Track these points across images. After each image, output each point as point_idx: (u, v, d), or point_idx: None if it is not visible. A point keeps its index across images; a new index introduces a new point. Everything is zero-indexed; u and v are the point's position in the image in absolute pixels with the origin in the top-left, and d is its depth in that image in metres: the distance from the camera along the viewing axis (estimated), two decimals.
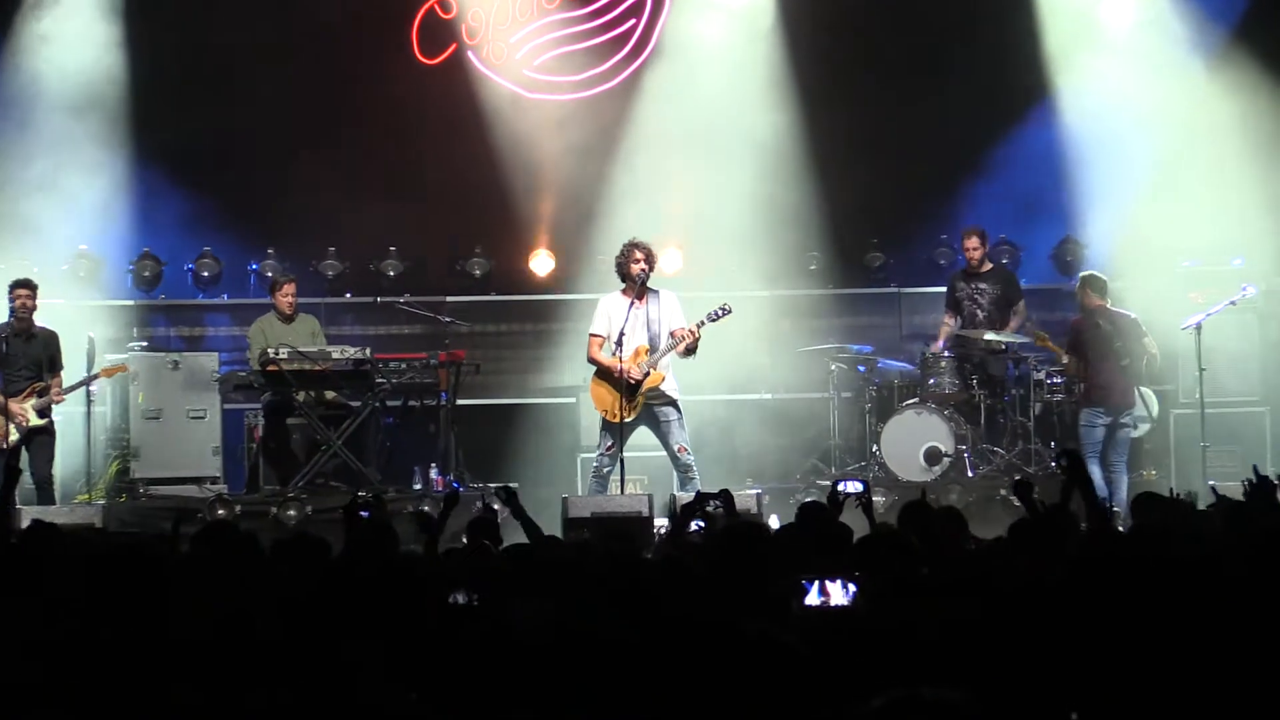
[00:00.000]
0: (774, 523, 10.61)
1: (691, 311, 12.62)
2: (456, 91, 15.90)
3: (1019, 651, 4.34)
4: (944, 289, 14.64)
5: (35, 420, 12.99)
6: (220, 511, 12.47)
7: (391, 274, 16.01)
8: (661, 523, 11.65)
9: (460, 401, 13.84)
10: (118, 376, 13.87)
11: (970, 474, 13.34)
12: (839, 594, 4.92)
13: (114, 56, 15.18)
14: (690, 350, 12.27)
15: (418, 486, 13.33)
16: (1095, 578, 4.71)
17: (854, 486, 8.03)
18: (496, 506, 12.53)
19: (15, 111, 14.95)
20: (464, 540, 11.19)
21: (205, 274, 15.88)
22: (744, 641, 3.65)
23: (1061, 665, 4.17)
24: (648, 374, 12.13)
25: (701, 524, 7.84)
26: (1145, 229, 14.78)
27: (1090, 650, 4.21)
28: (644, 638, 4.25)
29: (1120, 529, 9.72)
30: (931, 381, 13.87)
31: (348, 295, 15.90)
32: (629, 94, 16.00)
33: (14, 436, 12.85)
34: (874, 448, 13.86)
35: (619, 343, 12.10)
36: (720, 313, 12.30)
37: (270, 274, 15.35)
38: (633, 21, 16.13)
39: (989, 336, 13.70)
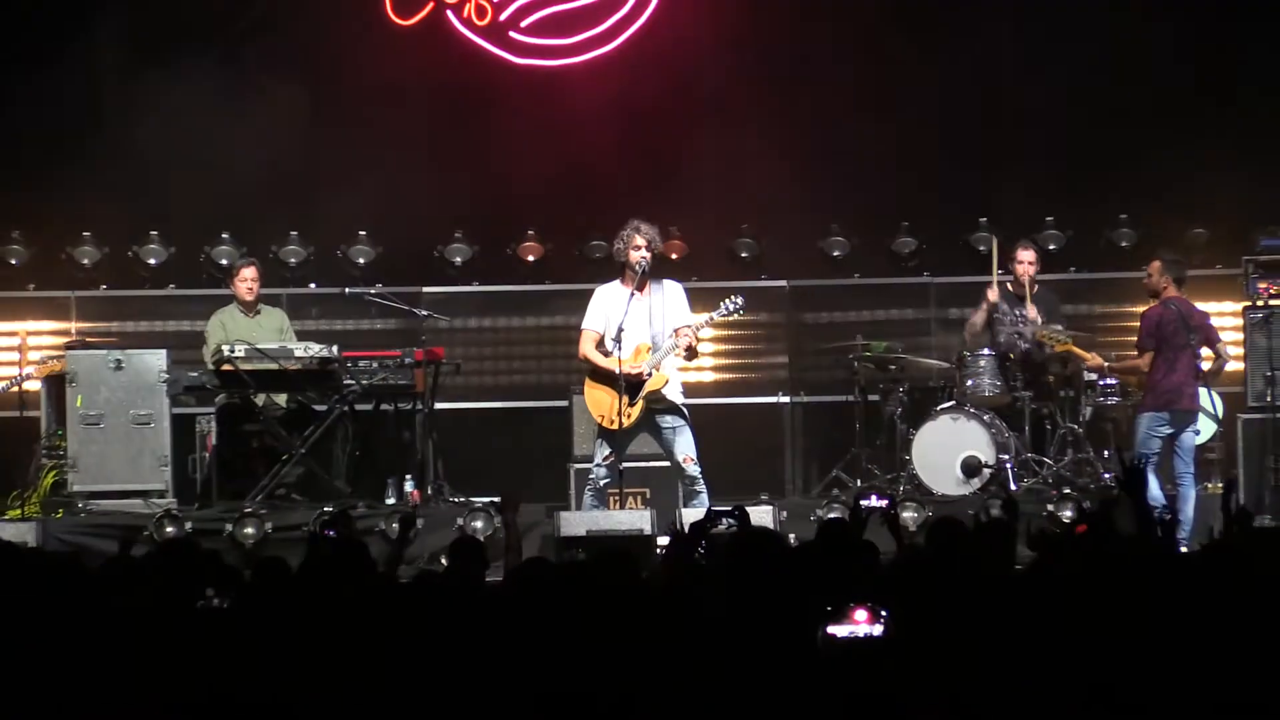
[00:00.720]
0: (792, 542, 10.61)
1: (700, 305, 12.63)
2: (434, 56, 15.90)
3: (1063, 688, 4.36)
4: (981, 279, 14.63)
5: None
6: (169, 529, 12.49)
7: (361, 261, 16.01)
8: (663, 543, 11.65)
9: (439, 405, 13.84)
10: (52, 376, 13.88)
11: (1014, 487, 13.34)
12: (868, 623, 4.94)
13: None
14: (691, 354, 12.26)
15: (391, 501, 13.33)
16: (1154, 605, 4.75)
17: (878, 501, 8.05)
18: (479, 524, 12.62)
19: None
20: (442, 561, 11.25)
21: (151, 261, 15.89)
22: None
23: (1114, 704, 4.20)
24: (650, 374, 12.13)
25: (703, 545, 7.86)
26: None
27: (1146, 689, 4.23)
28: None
29: (1185, 550, 9.75)
30: (969, 383, 13.87)
31: (312, 286, 15.90)
32: (629, 58, 16.00)
33: None
34: (905, 458, 13.86)
35: (617, 339, 12.09)
36: (731, 307, 12.28)
37: (225, 260, 15.36)
38: None
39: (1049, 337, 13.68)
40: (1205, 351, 13.02)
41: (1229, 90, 15.28)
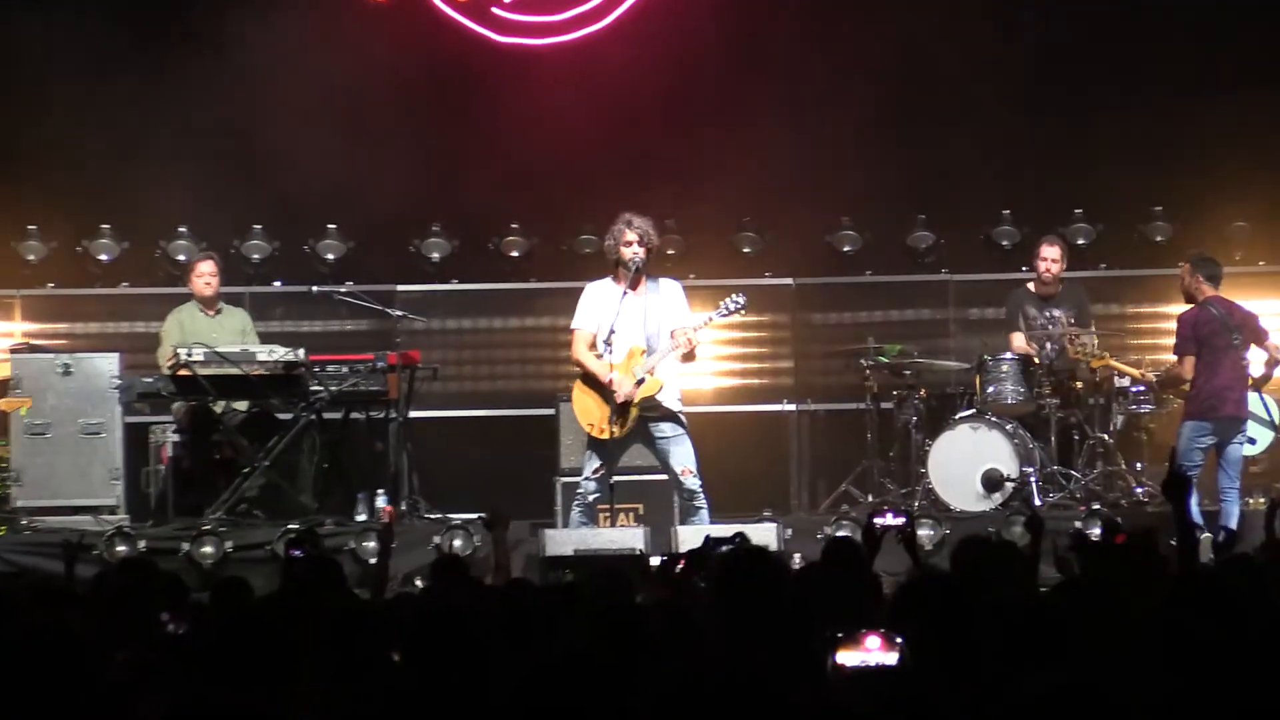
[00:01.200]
0: (797, 563, 10.62)
1: (698, 304, 12.62)
2: (410, 34, 15.88)
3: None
4: (1004, 275, 14.62)
5: None
6: (121, 548, 12.47)
7: (330, 257, 16.00)
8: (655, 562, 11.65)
9: (414, 414, 13.84)
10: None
11: (1039, 503, 13.35)
12: (879, 651, 4.93)
13: None
14: (689, 356, 12.24)
15: (361, 517, 13.32)
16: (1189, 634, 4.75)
17: (894, 519, 8.05)
18: (458, 543, 12.62)
19: None
20: (417, 584, 11.24)
21: (103, 257, 15.87)
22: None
23: None
24: (643, 381, 12.12)
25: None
26: None
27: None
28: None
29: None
30: (991, 390, 13.87)
31: (277, 283, 15.90)
32: (621, 37, 15.99)
33: None
34: (921, 470, 13.86)
35: (608, 341, 12.09)
36: (732, 306, 12.28)
37: (182, 256, 15.34)
38: None
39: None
40: (1262, 355, 13.04)
41: (1268, 77, 15.28)
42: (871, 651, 4.94)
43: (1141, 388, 13.80)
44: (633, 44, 15.89)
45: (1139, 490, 13.65)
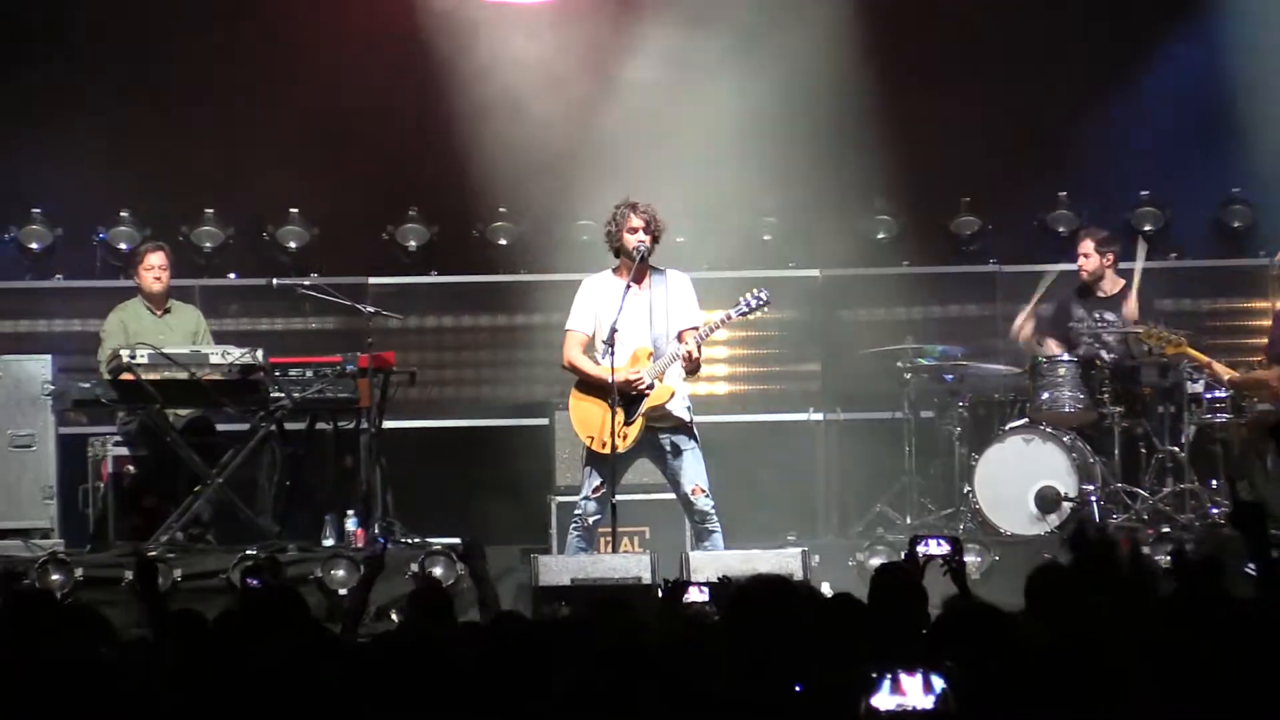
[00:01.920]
0: (826, 591, 10.63)
1: (712, 301, 12.63)
2: None
3: None
4: (1059, 266, 14.63)
5: None
6: (55, 576, 12.47)
7: (293, 245, 16.02)
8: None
9: (388, 424, 13.84)
10: None
11: (1100, 524, 13.36)
12: (919, 693, 4.95)
13: None
14: (693, 367, 12.17)
15: (329, 541, 13.34)
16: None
17: (939, 546, 8.04)
18: (439, 571, 12.62)
19: None
20: (394, 617, 11.26)
21: (34, 246, 15.89)
22: None
23: None
24: (651, 387, 12.12)
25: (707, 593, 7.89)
26: None
27: None
28: None
29: None
30: (1045, 396, 13.87)
31: (232, 275, 15.92)
32: None
33: None
34: (966, 489, 13.87)
35: (610, 343, 12.09)
36: (754, 302, 12.27)
37: (125, 245, 15.36)
38: None
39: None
40: None
41: None
42: (908, 695, 4.96)
43: (1217, 393, 13.77)
44: (634, 8, 15.85)
45: (1214, 511, 13.63)
